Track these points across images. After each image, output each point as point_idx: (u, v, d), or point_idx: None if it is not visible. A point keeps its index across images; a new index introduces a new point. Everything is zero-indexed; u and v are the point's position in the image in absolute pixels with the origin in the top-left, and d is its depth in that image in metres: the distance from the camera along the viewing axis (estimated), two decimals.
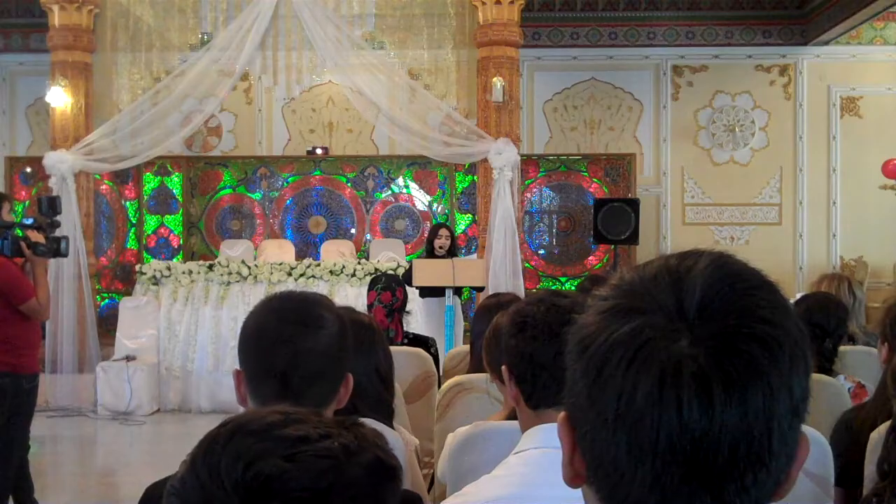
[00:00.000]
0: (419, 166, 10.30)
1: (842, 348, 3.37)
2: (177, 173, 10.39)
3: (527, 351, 1.69)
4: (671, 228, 10.74)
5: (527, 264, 9.61)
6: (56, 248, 4.50)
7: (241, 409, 1.38)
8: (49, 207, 4.68)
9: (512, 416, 1.98)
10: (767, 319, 0.73)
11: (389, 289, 4.33)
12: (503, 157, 7.99)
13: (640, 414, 0.71)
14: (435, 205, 10.40)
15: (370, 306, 4.34)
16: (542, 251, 10.29)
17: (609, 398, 0.73)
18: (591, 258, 10.17)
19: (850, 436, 2.47)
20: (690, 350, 0.71)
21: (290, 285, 8.09)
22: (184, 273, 8.36)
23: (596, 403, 0.74)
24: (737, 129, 10.70)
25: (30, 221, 4.60)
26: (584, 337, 0.77)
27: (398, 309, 4.34)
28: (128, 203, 10.26)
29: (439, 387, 3.53)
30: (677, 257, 0.78)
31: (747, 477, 0.72)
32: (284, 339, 1.60)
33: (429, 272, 6.64)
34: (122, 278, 10.03)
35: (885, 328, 2.72)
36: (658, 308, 0.74)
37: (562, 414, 0.81)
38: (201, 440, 0.87)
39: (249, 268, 8.37)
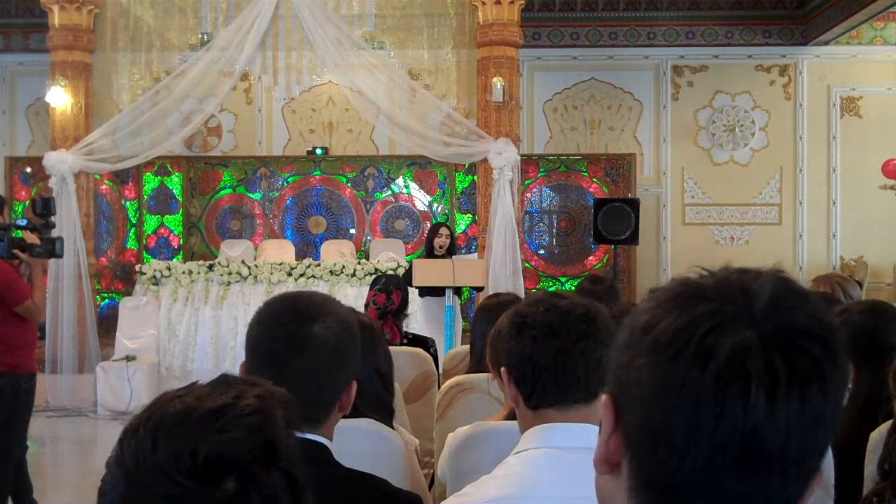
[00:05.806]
0: (419, 166, 10.30)
1: None
2: (177, 173, 10.39)
3: (526, 352, 1.69)
4: (671, 228, 10.73)
5: (527, 264, 9.61)
6: (51, 249, 4.48)
7: None
8: (43, 208, 4.65)
9: (512, 416, 1.98)
10: (830, 326, 0.76)
11: (386, 291, 4.30)
12: (503, 157, 7.98)
13: (705, 397, 0.73)
14: (435, 205, 10.40)
15: (366, 306, 4.33)
16: (542, 251, 10.29)
17: (674, 379, 0.74)
18: (591, 258, 10.17)
19: (850, 436, 2.47)
20: (758, 341, 0.73)
21: (290, 285, 8.09)
22: (184, 273, 8.35)
23: (657, 384, 0.75)
24: (737, 129, 10.69)
25: (24, 223, 4.58)
26: (646, 321, 0.78)
27: (392, 312, 4.30)
28: (128, 203, 10.26)
29: (439, 387, 3.53)
30: (736, 271, 0.81)
31: (790, 471, 0.74)
32: (270, 359, 1.58)
33: (429, 272, 6.63)
34: (122, 278, 10.04)
35: None
36: (726, 298, 0.76)
37: (604, 397, 0.82)
38: (118, 457, 0.88)
39: (249, 268, 8.37)
